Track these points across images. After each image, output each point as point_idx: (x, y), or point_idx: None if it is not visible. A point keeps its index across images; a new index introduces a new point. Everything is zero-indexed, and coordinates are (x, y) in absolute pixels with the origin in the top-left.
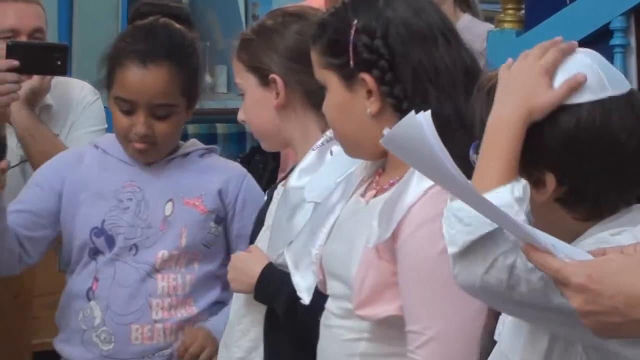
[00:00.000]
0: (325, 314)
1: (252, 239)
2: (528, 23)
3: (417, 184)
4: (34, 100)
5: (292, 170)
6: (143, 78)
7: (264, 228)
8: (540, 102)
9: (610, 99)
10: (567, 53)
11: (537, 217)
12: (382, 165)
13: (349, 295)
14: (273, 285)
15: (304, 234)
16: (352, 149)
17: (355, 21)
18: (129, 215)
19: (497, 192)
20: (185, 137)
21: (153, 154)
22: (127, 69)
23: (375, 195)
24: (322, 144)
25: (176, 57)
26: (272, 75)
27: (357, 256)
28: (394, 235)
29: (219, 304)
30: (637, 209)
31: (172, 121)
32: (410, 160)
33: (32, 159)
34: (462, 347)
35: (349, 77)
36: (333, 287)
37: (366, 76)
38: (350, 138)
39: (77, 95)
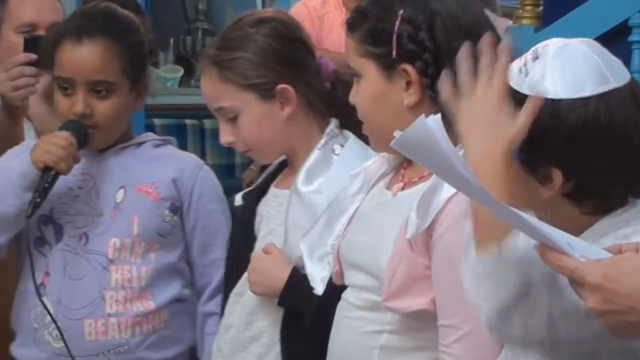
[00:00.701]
0: (342, 304)
1: (237, 252)
2: (546, 19)
3: None
4: (52, 94)
5: (278, 169)
6: (79, 53)
7: (262, 234)
8: (510, 136)
9: (614, 92)
10: (507, 65)
11: (546, 213)
12: (407, 159)
13: (374, 287)
14: (302, 290)
15: (320, 224)
16: (380, 140)
17: (402, 11)
18: (78, 203)
19: None
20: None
21: (97, 138)
22: (64, 46)
23: (403, 188)
24: (325, 142)
25: (113, 32)
26: (282, 86)
27: (387, 248)
28: (429, 229)
29: (180, 302)
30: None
31: (114, 102)
32: (422, 161)
33: None
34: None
35: (389, 67)
36: (354, 278)
37: (408, 67)
38: (380, 129)
39: None
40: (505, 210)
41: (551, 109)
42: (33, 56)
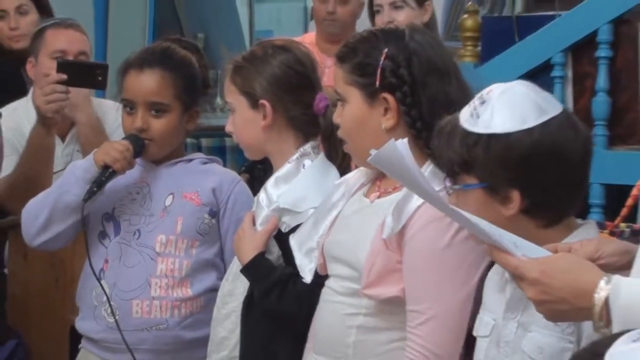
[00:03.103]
0: (326, 290)
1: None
2: (484, 57)
3: None
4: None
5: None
6: (140, 79)
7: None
8: None
9: (552, 120)
10: None
11: (507, 229)
12: (381, 172)
13: (353, 277)
14: (261, 271)
15: (308, 224)
16: (360, 155)
17: (386, 50)
18: (135, 205)
19: None
20: (199, 149)
21: (152, 149)
22: (129, 74)
23: (380, 197)
24: (297, 157)
25: (169, 64)
26: (262, 101)
27: (365, 245)
28: (402, 231)
29: (214, 291)
30: (590, 224)
31: (167, 120)
32: (393, 174)
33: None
34: (455, 327)
35: (371, 95)
36: (336, 269)
37: (389, 96)
38: (361, 146)
39: (114, 114)
40: (460, 216)
41: (504, 141)
42: (63, 76)
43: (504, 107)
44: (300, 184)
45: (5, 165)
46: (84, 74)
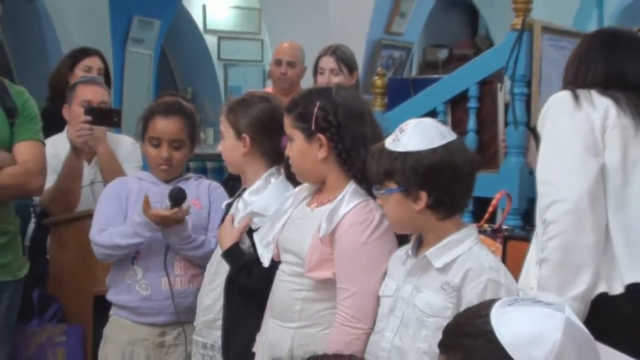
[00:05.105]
0: (279, 272)
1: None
2: (389, 107)
3: (347, 203)
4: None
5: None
6: (165, 122)
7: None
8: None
9: (451, 143)
10: None
11: (414, 221)
12: (319, 188)
13: (299, 263)
14: (235, 256)
15: (267, 225)
16: (303, 177)
17: (318, 102)
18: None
19: None
20: (188, 170)
21: (170, 172)
22: (156, 119)
23: (317, 206)
24: (266, 177)
25: (183, 113)
26: (244, 135)
27: (308, 241)
28: (333, 232)
29: None
30: (471, 226)
31: (182, 152)
32: None
33: (107, 181)
34: (371, 300)
35: (309, 135)
36: (286, 258)
37: (321, 136)
38: (304, 171)
39: (126, 145)
40: None
41: (416, 157)
42: (89, 118)
43: (416, 133)
44: (267, 195)
45: (47, 182)
46: (104, 116)
